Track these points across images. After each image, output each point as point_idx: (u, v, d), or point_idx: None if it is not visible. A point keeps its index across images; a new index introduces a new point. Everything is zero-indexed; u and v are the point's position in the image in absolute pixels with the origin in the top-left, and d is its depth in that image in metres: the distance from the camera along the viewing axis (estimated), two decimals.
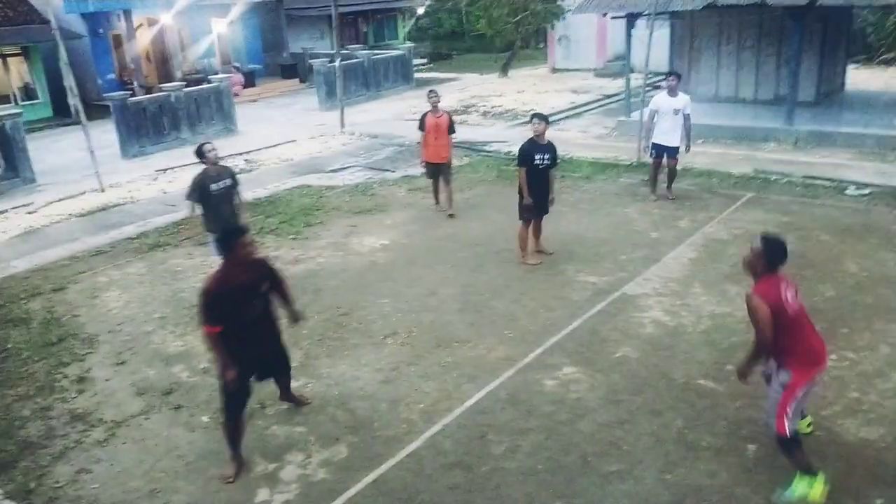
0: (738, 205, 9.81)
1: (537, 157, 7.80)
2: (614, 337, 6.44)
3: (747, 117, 14.27)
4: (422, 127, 10.02)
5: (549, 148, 7.89)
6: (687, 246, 8.45)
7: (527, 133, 8.57)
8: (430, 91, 10.26)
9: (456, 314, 7.05)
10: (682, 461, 4.76)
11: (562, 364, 6.01)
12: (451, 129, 10.02)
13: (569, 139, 14.23)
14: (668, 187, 10.23)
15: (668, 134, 9.92)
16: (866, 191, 10.02)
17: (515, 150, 13.94)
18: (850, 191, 10.09)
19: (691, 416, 5.21)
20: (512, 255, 8.41)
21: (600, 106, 18.40)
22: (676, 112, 9.85)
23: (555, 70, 25.82)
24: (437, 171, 10.18)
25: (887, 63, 21.59)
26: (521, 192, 7.96)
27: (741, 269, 7.53)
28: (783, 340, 4.19)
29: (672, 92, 9.91)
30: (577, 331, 6.59)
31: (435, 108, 9.96)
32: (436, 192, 10.42)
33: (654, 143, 10.08)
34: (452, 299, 7.39)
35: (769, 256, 4.25)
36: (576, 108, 18.13)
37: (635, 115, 14.68)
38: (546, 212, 8.20)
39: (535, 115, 8.01)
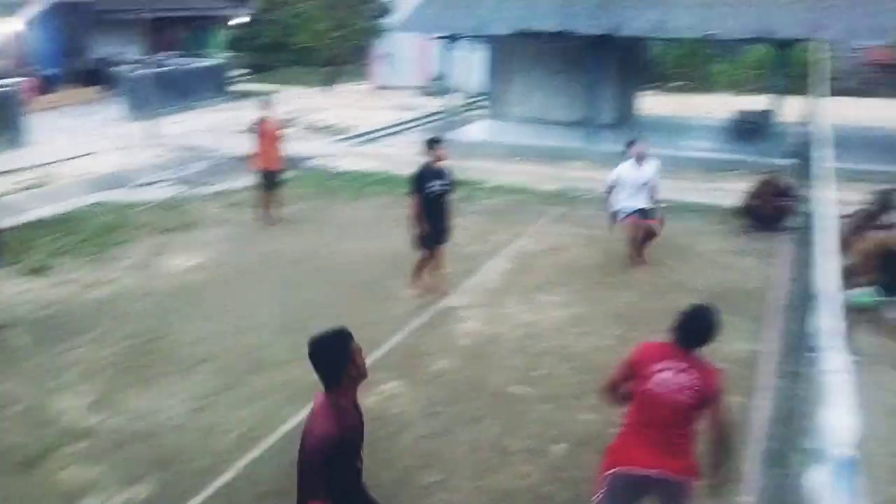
0: (548, 219, 10.45)
1: (433, 183, 7.18)
2: (434, 349, 6.56)
3: (557, 138, 15.28)
4: (255, 134, 9.90)
5: (445, 173, 7.33)
6: (502, 258, 8.84)
7: (352, 149, 8.52)
8: (263, 98, 10.28)
9: (275, 335, 6.81)
10: (497, 466, 4.92)
11: (383, 379, 6.00)
12: (280, 137, 10.09)
13: (393, 156, 14.44)
14: (641, 248, 8.56)
15: (630, 200, 8.37)
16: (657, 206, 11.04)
17: (341, 165, 14.12)
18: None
19: (505, 422, 5.42)
20: (335, 273, 8.33)
21: (424, 123, 18.82)
22: (644, 185, 8.34)
23: (379, 87, 26.08)
24: (271, 179, 10.00)
25: (675, 90, 24.20)
26: (415, 223, 7.29)
27: (552, 280, 8.12)
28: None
29: (639, 161, 8.38)
30: (399, 345, 6.63)
31: (267, 115, 9.94)
32: (264, 204, 10.10)
33: (617, 211, 8.47)
34: (271, 320, 7.14)
35: (678, 328, 3.49)
36: (400, 125, 18.41)
37: (454, 134, 15.19)
38: (446, 240, 7.52)
39: (434, 140, 7.30)
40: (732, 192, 10.50)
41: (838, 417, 1.56)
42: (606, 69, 15.37)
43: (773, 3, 13.27)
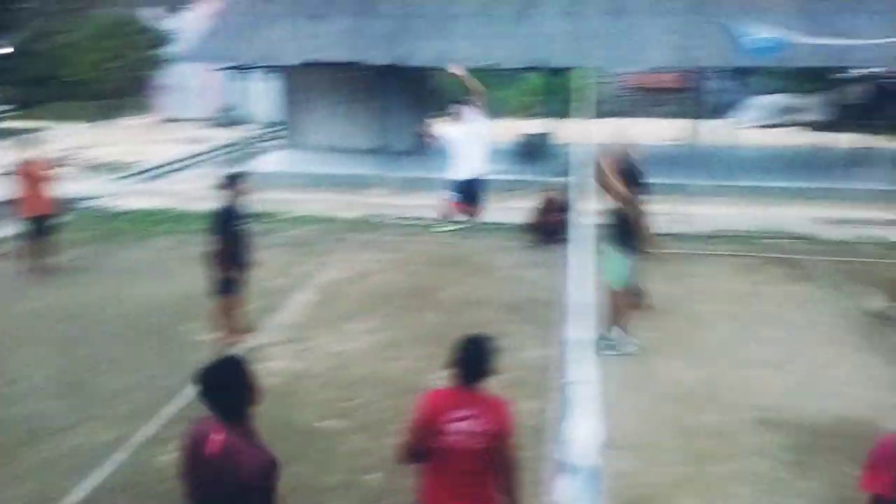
0: (353, 246, 10.45)
1: (237, 221, 6.67)
2: None
3: (355, 165, 15.38)
4: (19, 177, 8.93)
5: (246, 208, 6.87)
6: (307, 290, 8.67)
7: (136, 186, 7.92)
8: (25, 137, 9.46)
9: (52, 400, 6.08)
10: None
11: (179, 435, 5.59)
12: (49, 179, 9.18)
13: (182, 192, 13.67)
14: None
15: (466, 165, 8.49)
16: (453, 227, 11.48)
17: (124, 204, 13.05)
18: (441, 228, 11.45)
19: (318, 459, 5.27)
20: (122, 323, 7.66)
21: (215, 156, 18.05)
22: (477, 143, 8.49)
23: (164, 120, 24.65)
24: (41, 225, 9.04)
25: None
26: (216, 264, 6.67)
27: (359, 307, 8.10)
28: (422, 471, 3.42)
29: (466, 119, 8.41)
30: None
31: (33, 155, 9.08)
32: (34, 254, 9.04)
33: (452, 181, 8.37)
34: (47, 383, 6.37)
35: (457, 366, 3.31)
36: (189, 159, 17.50)
37: (250, 165, 14.74)
38: (247, 279, 6.98)
39: (235, 175, 6.79)
40: (520, 210, 11.20)
41: (583, 427, 1.68)
42: (400, 97, 15.79)
43: (546, 34, 14.43)
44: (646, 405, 5.99)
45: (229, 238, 6.67)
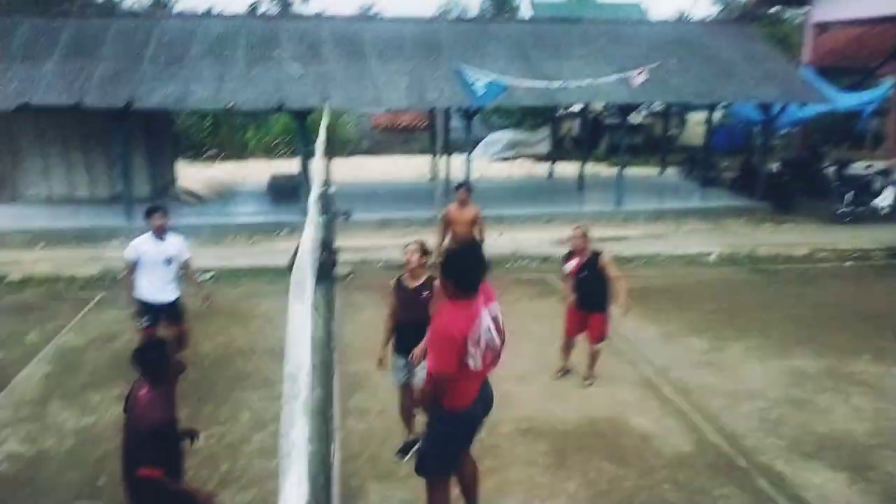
0: (91, 307, 9.42)
1: None
2: None
3: (87, 217, 13.99)
4: None
5: None
6: (38, 362, 7.62)
7: None
8: None
9: None
10: None
11: None
12: None
13: None
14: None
15: (155, 287, 6.91)
16: (209, 274, 10.89)
17: None
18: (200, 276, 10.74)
19: None
20: None
21: None
22: (168, 261, 6.94)
23: None
24: None
25: (209, 159, 24.45)
26: None
27: (103, 375, 7.24)
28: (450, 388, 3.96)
29: (159, 234, 6.92)
30: None
31: None
32: None
33: (141, 303, 6.94)
34: None
35: (453, 278, 3.78)
36: None
37: None
38: None
39: None
40: (281, 252, 10.95)
41: None
42: (134, 142, 14.68)
43: (284, 77, 14.39)
44: None
45: None
